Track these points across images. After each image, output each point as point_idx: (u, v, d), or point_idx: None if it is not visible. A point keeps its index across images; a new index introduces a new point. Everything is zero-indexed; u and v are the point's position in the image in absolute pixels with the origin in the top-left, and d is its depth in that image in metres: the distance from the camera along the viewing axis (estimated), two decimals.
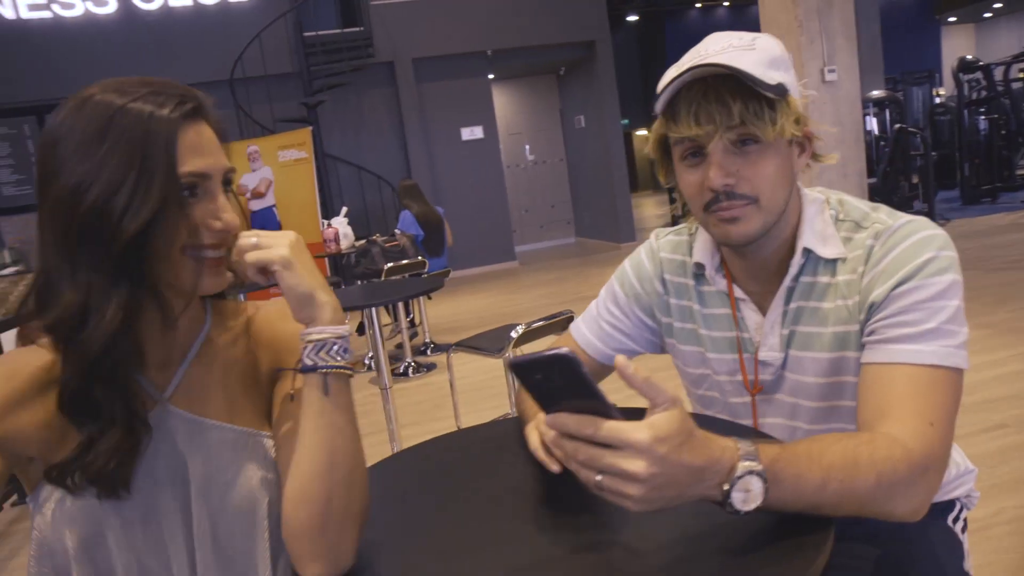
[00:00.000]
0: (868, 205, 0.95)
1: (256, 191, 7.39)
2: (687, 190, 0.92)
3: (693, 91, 0.85)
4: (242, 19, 7.99)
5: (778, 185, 0.89)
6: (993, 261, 5.50)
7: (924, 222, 0.88)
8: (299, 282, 0.73)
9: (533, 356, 0.62)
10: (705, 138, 0.86)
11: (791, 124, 0.86)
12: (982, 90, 8.99)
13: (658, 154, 0.95)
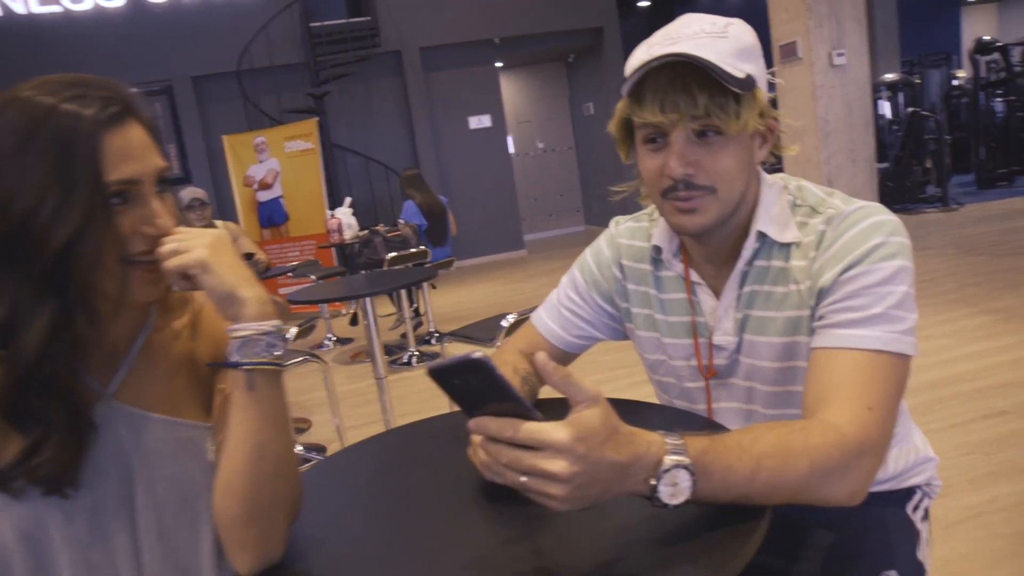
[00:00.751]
0: (824, 191, 0.94)
1: (263, 182, 7.42)
2: (647, 174, 0.91)
3: (660, 77, 0.85)
4: (249, 11, 8.00)
5: (737, 177, 0.89)
6: (1006, 245, 5.41)
7: (877, 208, 0.88)
8: (218, 282, 0.73)
9: (447, 362, 0.61)
10: (668, 126, 0.86)
11: (755, 118, 0.86)
12: (1000, 72, 8.82)
13: (620, 133, 0.95)
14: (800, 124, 5.73)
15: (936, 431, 2.54)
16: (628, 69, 0.88)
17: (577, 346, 1.13)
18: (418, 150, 8.90)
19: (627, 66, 0.89)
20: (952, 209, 7.55)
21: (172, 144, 8.26)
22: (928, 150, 8.00)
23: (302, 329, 2.99)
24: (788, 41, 5.78)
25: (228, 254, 0.75)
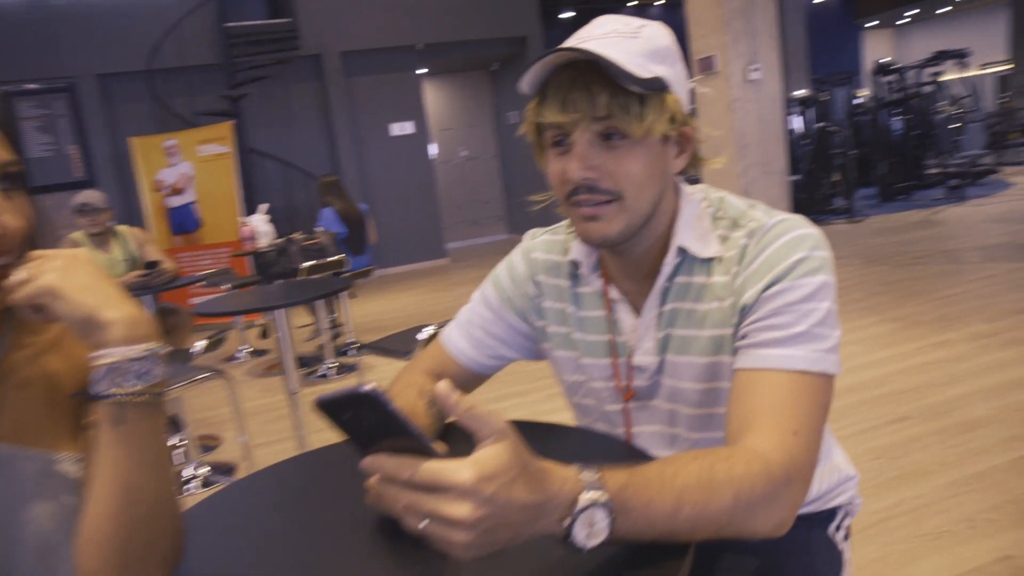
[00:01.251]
0: (746, 203, 0.91)
1: (174, 187, 7.11)
2: (552, 178, 0.87)
3: (563, 76, 0.81)
4: (160, 7, 7.66)
5: (646, 184, 0.84)
6: (904, 256, 5.70)
7: (798, 220, 0.85)
8: (73, 307, 0.64)
9: (335, 394, 0.55)
10: (570, 126, 0.82)
11: (663, 122, 0.82)
12: (898, 92, 9.34)
13: (533, 136, 0.90)
14: (720, 134, 5.87)
15: (845, 437, 2.63)
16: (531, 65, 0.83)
17: (488, 367, 1.07)
18: (339, 156, 8.72)
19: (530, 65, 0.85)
20: (858, 221, 7.92)
21: (74, 145, 7.80)
22: (835, 164, 8.38)
23: (211, 343, 2.84)
24: (706, 55, 5.95)
25: (84, 274, 0.66)
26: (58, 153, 7.78)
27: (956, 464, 2.35)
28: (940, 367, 3.22)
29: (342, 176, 8.65)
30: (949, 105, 11.82)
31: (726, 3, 5.69)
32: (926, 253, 5.74)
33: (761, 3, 5.83)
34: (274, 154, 8.24)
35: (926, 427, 2.64)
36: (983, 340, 3.50)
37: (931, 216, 7.61)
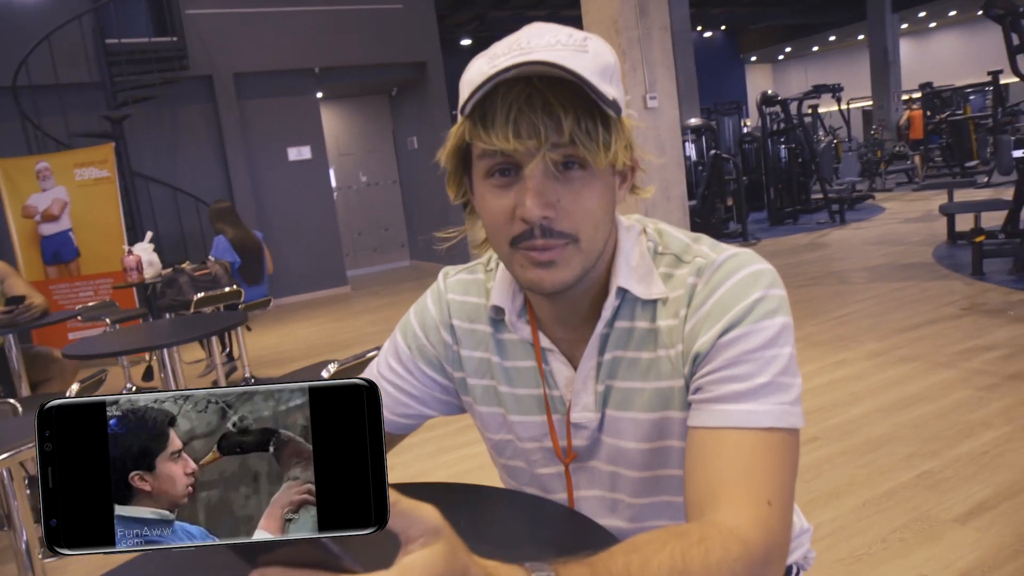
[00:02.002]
0: (689, 236, 0.81)
1: (48, 213, 6.56)
2: (492, 217, 0.73)
3: (514, 92, 0.68)
4: (28, 19, 7.10)
5: (601, 222, 0.73)
6: (798, 278, 5.95)
7: (749, 255, 0.76)
8: None
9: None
10: (524, 155, 0.68)
11: (623, 150, 0.72)
12: (781, 122, 9.88)
13: (453, 163, 0.77)
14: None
15: None
16: (468, 84, 0.70)
17: (403, 426, 0.94)
18: (232, 181, 8.32)
19: (465, 80, 0.71)
20: (751, 244, 8.25)
21: None
22: (729, 189, 8.73)
23: (85, 387, 2.56)
24: None
25: None
26: None
27: (866, 483, 2.39)
28: (841, 386, 3.33)
29: (236, 202, 8.26)
30: (826, 135, 12.67)
31: (624, 33, 5.82)
32: (817, 274, 6.02)
33: (657, 35, 6.01)
34: (162, 179, 7.77)
35: (835, 447, 2.69)
36: (877, 358, 3.65)
37: (818, 239, 8.03)
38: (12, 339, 3.22)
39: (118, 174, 6.69)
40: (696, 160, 9.84)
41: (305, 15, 8.52)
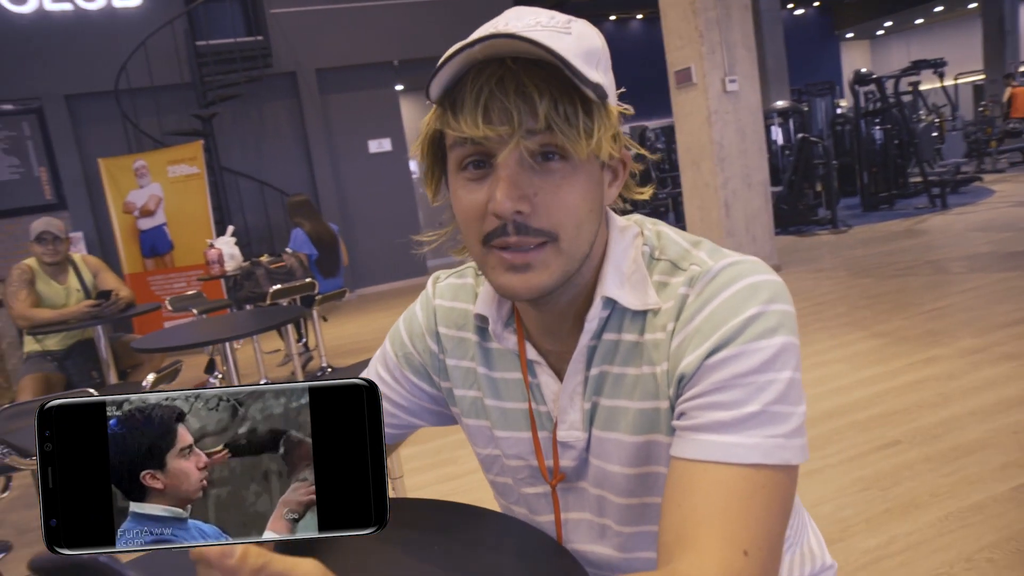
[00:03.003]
0: (689, 240, 0.73)
1: (144, 209, 6.93)
2: (464, 212, 0.66)
3: (484, 74, 0.61)
4: (127, 26, 7.51)
5: (585, 221, 0.66)
6: (888, 268, 5.60)
7: (752, 264, 0.67)
8: None
9: (45, 560, 0.39)
10: (496, 143, 0.62)
11: (608, 140, 0.64)
12: (876, 102, 9.31)
13: (428, 158, 0.70)
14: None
15: (833, 465, 2.49)
16: (438, 66, 0.63)
17: (391, 436, 0.89)
18: (315, 174, 8.57)
19: (438, 64, 0.64)
20: (842, 231, 7.84)
21: (43, 167, 7.62)
22: (818, 174, 8.31)
23: (160, 376, 2.66)
24: (683, 67, 5.86)
25: None
26: (27, 175, 7.60)
27: (951, 494, 2.21)
28: (930, 386, 3.09)
29: (318, 194, 8.51)
30: (928, 114, 11.86)
31: (702, 14, 5.61)
32: (911, 264, 5.64)
33: (737, 14, 5.76)
34: (248, 173, 8.08)
35: (917, 452, 2.50)
36: (973, 356, 3.37)
37: (915, 225, 7.54)
38: (100, 330, 3.40)
39: (207, 170, 6.99)
40: (783, 144, 9.41)
41: (384, 9, 8.65)
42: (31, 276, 3.44)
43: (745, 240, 5.94)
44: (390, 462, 2.34)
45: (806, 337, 4.06)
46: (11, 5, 7.29)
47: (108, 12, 7.60)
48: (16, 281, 3.37)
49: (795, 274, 5.89)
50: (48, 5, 7.41)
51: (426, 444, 3.18)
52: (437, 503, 0.84)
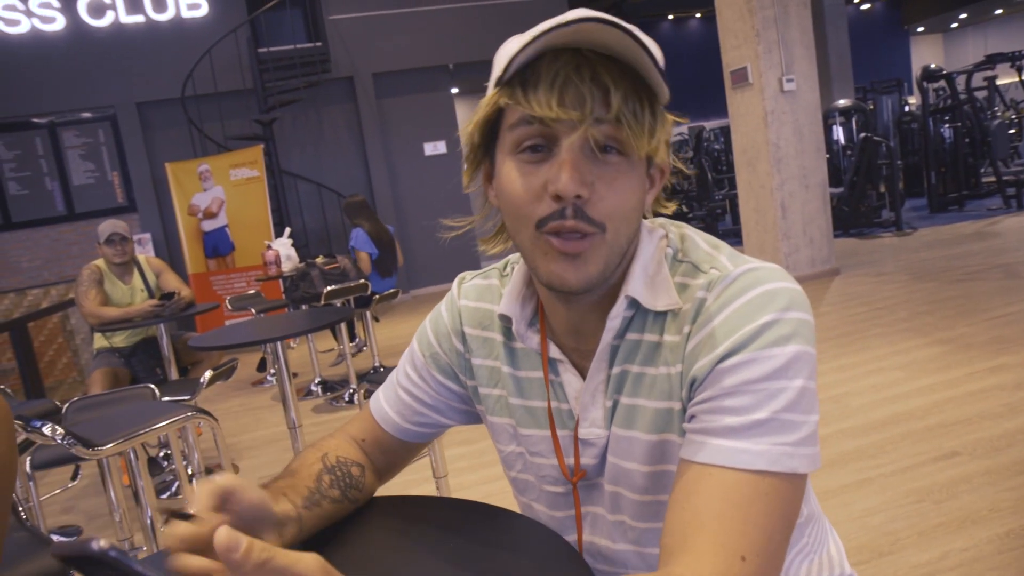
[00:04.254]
0: (711, 243, 0.74)
1: (208, 211, 7.18)
2: (517, 195, 0.66)
3: (561, 60, 0.63)
4: (194, 35, 7.80)
5: (630, 216, 0.67)
6: (956, 271, 5.39)
7: (771, 271, 0.67)
8: None
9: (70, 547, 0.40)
10: (565, 128, 0.63)
11: (664, 144, 0.66)
12: (947, 99, 8.95)
13: (478, 138, 0.70)
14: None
15: (885, 476, 2.41)
16: (507, 55, 0.65)
17: (418, 435, 0.91)
18: (371, 176, 8.73)
19: (503, 53, 0.67)
20: (906, 233, 7.57)
21: (116, 172, 7.98)
22: (881, 175, 8.05)
23: (216, 373, 2.76)
24: (739, 67, 5.76)
25: None
26: (101, 180, 7.97)
27: (1012, 511, 2.11)
28: (994, 396, 2.96)
29: (375, 196, 8.67)
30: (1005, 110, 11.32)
31: (758, 12, 5.50)
32: (980, 268, 5.41)
33: (795, 12, 5.63)
34: (307, 176, 8.29)
35: (977, 465, 2.40)
36: None
37: (986, 227, 7.23)
38: (163, 328, 3.54)
39: (267, 173, 7.20)
40: (844, 144, 9.14)
41: (439, 13, 8.75)
42: (99, 276, 3.61)
43: (802, 242, 5.80)
44: (434, 460, 2.38)
45: (862, 343, 3.94)
46: (90, 20, 7.65)
47: (177, 22, 7.91)
48: (86, 281, 3.55)
49: (854, 278, 5.72)
50: (123, 18, 7.75)
51: (472, 445, 3.21)
52: (453, 501, 0.86)
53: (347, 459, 0.85)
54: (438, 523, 0.81)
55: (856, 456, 2.58)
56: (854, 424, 2.87)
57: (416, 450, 0.94)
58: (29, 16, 7.50)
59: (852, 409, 3.03)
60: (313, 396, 4.64)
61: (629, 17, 16.05)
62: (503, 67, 0.65)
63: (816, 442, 0.62)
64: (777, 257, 5.77)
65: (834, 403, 3.13)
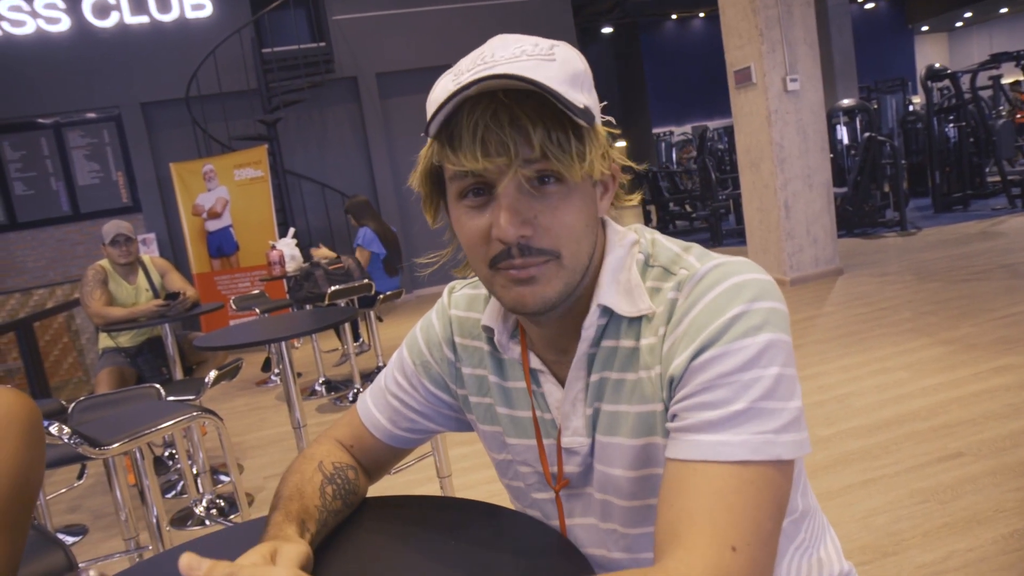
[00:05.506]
0: (680, 245, 0.75)
1: (212, 211, 7.20)
2: (468, 238, 0.70)
3: (479, 109, 0.64)
4: (198, 36, 7.82)
5: (583, 236, 0.70)
6: (961, 271, 5.37)
7: (739, 264, 0.68)
8: None
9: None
10: (495, 173, 0.65)
11: (599, 159, 0.68)
12: (952, 98, 8.93)
13: (426, 187, 0.73)
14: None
15: (889, 476, 2.41)
16: (433, 103, 0.68)
17: (406, 440, 0.92)
18: (375, 176, 8.74)
19: (431, 100, 0.69)
20: (910, 233, 7.55)
21: (120, 172, 8.01)
22: (885, 175, 8.03)
23: (221, 373, 2.77)
24: (742, 67, 5.75)
25: None
26: (106, 180, 8.00)
27: (1017, 511, 2.11)
28: (999, 396, 2.96)
29: (378, 195, 8.69)
30: (1011, 109, 11.28)
31: (762, 12, 5.49)
32: (984, 268, 5.40)
33: (799, 11, 5.62)
34: (311, 176, 8.31)
35: (982, 466, 2.40)
36: None
37: (990, 227, 7.21)
38: (168, 328, 3.55)
39: (271, 173, 7.21)
40: (848, 144, 9.12)
41: (441, 13, 8.76)
42: (104, 276, 3.62)
43: (806, 242, 5.79)
44: (438, 460, 2.38)
45: (866, 343, 3.94)
46: (95, 20, 7.67)
47: (181, 23, 7.93)
48: (91, 281, 3.56)
49: (858, 278, 5.71)
50: (128, 19, 7.77)
51: (475, 445, 3.21)
52: (451, 500, 0.87)
53: (342, 464, 0.86)
54: (435, 523, 0.82)
55: (860, 456, 2.58)
56: (858, 424, 2.87)
57: (404, 453, 0.95)
58: (34, 17, 7.53)
59: (856, 409, 3.03)
60: (317, 396, 4.65)
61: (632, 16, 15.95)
62: (428, 121, 0.67)
63: (801, 428, 0.63)
64: (780, 257, 5.77)
65: (838, 403, 3.13)
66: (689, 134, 14.09)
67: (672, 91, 16.90)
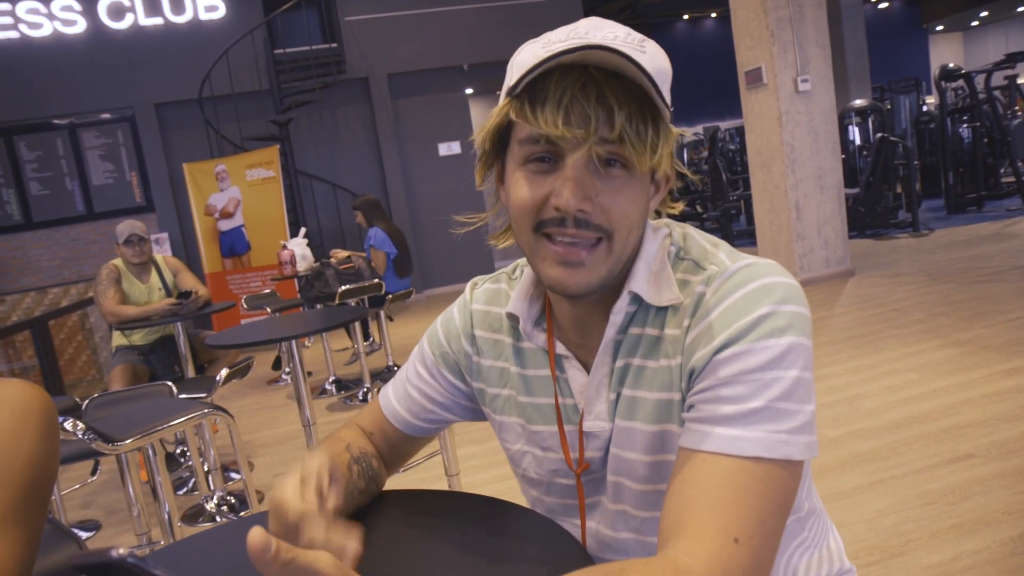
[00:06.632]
0: (710, 241, 0.77)
1: (224, 211, 7.25)
2: (521, 203, 0.70)
3: (568, 78, 0.65)
4: (211, 37, 7.88)
5: (635, 225, 0.72)
6: (974, 272, 5.34)
7: (767, 267, 0.70)
8: None
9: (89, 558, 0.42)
10: (569, 145, 0.66)
11: (667, 157, 0.69)
12: (966, 98, 8.86)
13: (488, 143, 0.74)
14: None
15: (897, 477, 2.40)
16: (519, 66, 0.68)
17: (426, 430, 0.95)
18: (386, 176, 8.77)
19: (516, 62, 0.70)
20: (923, 234, 7.51)
21: (134, 172, 8.08)
22: (898, 175, 7.98)
23: (232, 372, 2.80)
24: (753, 67, 5.74)
25: None
26: (119, 180, 8.07)
27: None
28: (1010, 398, 2.94)
29: (389, 196, 8.72)
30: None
31: (773, 13, 5.48)
32: (998, 269, 5.36)
33: (810, 12, 5.61)
34: (322, 176, 8.35)
35: (992, 468, 2.39)
36: None
37: (1004, 228, 7.15)
38: (179, 327, 3.59)
39: (283, 173, 7.25)
40: (861, 145, 9.07)
41: (453, 14, 8.78)
42: (118, 275, 3.66)
43: (816, 243, 5.77)
44: (446, 459, 2.40)
45: (877, 344, 3.92)
46: (110, 21, 7.75)
47: (194, 24, 7.99)
48: (105, 280, 3.60)
49: (869, 279, 5.68)
50: (142, 20, 7.85)
51: (484, 444, 3.23)
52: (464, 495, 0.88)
53: (367, 451, 0.89)
54: (448, 516, 0.83)
55: (869, 457, 2.58)
56: (868, 425, 2.86)
57: (420, 445, 0.98)
58: (51, 19, 7.61)
59: (866, 410, 3.02)
60: (327, 395, 4.68)
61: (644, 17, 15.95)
62: (514, 80, 0.68)
63: (812, 431, 0.64)
64: (791, 258, 5.75)
65: (848, 404, 3.12)
66: (701, 134, 14.05)
67: (683, 91, 16.87)
